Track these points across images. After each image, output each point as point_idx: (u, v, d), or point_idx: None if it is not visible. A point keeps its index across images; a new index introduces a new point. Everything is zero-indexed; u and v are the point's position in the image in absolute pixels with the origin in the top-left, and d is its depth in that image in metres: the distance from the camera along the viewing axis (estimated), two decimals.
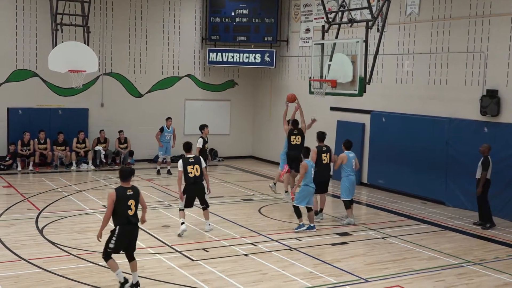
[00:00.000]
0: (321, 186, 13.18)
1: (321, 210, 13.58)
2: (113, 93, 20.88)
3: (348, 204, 13.12)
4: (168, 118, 19.36)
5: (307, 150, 12.61)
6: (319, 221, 13.23)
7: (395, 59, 17.18)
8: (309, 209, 12.43)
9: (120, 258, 8.87)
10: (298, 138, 14.53)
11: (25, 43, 19.41)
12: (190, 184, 11.75)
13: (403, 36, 16.94)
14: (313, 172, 12.35)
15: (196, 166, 11.75)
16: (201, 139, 14.97)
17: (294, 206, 12.48)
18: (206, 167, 12.18)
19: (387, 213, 14.56)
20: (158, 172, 19.06)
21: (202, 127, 15.39)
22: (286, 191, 14.57)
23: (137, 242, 10.99)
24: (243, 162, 22.40)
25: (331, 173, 14.23)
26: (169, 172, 19.06)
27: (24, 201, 14.37)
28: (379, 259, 10.66)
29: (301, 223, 12.39)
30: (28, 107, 19.47)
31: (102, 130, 20.05)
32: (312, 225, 12.43)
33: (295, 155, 14.20)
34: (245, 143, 23.27)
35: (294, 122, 14.73)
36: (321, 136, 13.60)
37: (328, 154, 13.37)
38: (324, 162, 13.24)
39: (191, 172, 11.71)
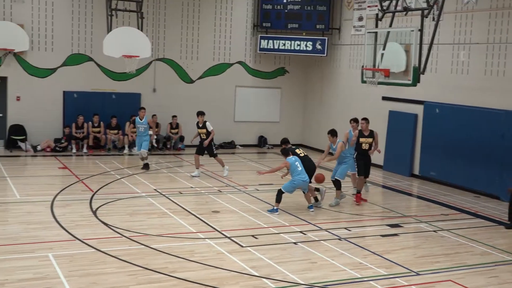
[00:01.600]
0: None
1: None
2: (165, 79, 21.09)
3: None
4: (142, 108, 17.09)
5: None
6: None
7: (451, 49, 16.78)
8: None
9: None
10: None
11: (80, 28, 19.76)
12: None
13: (460, 25, 16.52)
14: (298, 166, 12.68)
15: None
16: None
17: (279, 190, 12.78)
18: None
19: (439, 206, 14.29)
20: (146, 166, 16.74)
21: (197, 114, 16.41)
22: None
23: (187, 226, 11.22)
24: None
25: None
26: (145, 166, 16.78)
27: (78, 182, 14.70)
28: (431, 252, 10.49)
29: (276, 207, 12.65)
30: (83, 91, 19.87)
31: (155, 115, 20.29)
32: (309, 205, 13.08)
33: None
34: (295, 131, 23.17)
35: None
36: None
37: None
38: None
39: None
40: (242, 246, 10.20)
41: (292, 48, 21.73)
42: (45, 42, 19.35)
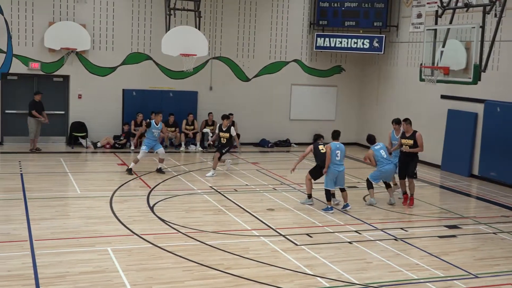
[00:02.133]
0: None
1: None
2: (222, 77, 21.25)
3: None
4: (158, 112, 16.08)
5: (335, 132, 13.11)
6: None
7: None
8: (342, 190, 12.83)
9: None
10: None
11: (140, 27, 20.13)
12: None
13: None
14: (338, 155, 12.58)
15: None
16: (219, 125, 16.14)
17: (325, 189, 12.70)
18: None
19: (499, 207, 13.89)
20: (129, 171, 15.53)
21: (223, 117, 16.01)
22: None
23: (242, 223, 11.28)
24: (348, 149, 21.78)
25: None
26: (160, 170, 15.92)
27: (136, 179, 14.99)
28: (490, 254, 10.22)
29: (329, 206, 12.58)
30: (142, 89, 20.24)
31: (211, 112, 20.48)
32: (346, 203, 12.83)
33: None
34: (350, 129, 22.95)
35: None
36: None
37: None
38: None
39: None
40: (296, 245, 10.19)
41: (349, 46, 21.54)
42: (106, 42, 19.81)
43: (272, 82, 21.89)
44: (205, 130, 20.41)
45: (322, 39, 21.72)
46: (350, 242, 10.48)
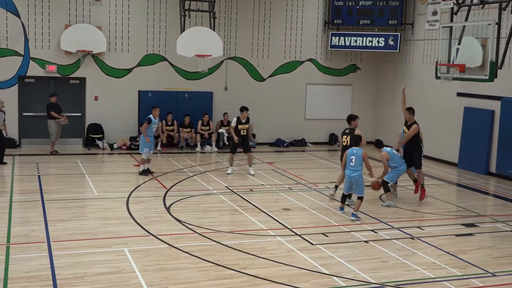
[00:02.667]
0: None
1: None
2: (237, 77, 21.29)
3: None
4: (155, 107, 15.99)
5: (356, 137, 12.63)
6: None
7: None
8: (358, 197, 11.99)
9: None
10: None
11: (155, 29, 20.23)
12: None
13: None
14: (353, 161, 12.05)
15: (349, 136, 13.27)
16: (235, 118, 16.04)
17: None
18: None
19: None
20: (146, 172, 15.55)
21: (241, 110, 15.99)
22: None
23: (258, 223, 11.30)
24: (364, 148, 22.06)
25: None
26: (147, 171, 15.62)
27: (152, 179, 15.07)
28: (508, 253, 10.13)
29: (342, 207, 12.47)
30: (157, 90, 20.33)
31: (226, 113, 20.52)
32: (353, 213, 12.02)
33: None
34: (366, 128, 22.76)
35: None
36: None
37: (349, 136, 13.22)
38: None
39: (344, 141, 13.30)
40: (312, 244, 10.18)
41: (364, 44, 21.48)
42: (122, 43, 19.93)
43: (287, 82, 21.88)
44: (220, 130, 20.46)
45: (337, 38, 21.67)
46: (366, 241, 10.45)
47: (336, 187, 13.64)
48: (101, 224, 11.01)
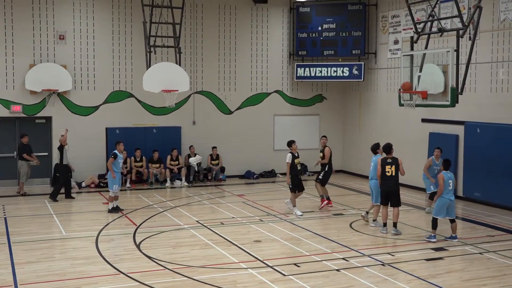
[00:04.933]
0: (385, 198, 13.30)
1: (385, 224, 13.39)
2: (204, 111, 21.38)
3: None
4: (119, 142, 15.78)
5: (446, 162, 12.78)
6: (386, 233, 13.22)
7: (489, 68, 16.58)
8: (451, 221, 12.56)
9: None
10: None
11: (121, 66, 20.27)
12: (386, 181, 13.14)
13: (497, 43, 16.33)
14: (450, 184, 12.46)
15: (393, 166, 13.17)
16: (290, 154, 15.33)
17: (433, 217, 12.63)
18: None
19: (484, 227, 14.00)
20: (116, 209, 15.39)
21: (290, 143, 15.42)
22: (374, 220, 14.10)
23: (230, 256, 11.26)
24: (333, 176, 22.03)
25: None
26: (117, 208, 15.48)
27: (122, 217, 14.94)
28: (477, 275, 10.27)
29: (433, 234, 12.53)
30: (125, 126, 20.29)
31: (192, 146, 20.61)
32: (453, 235, 12.56)
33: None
34: (335, 157, 22.83)
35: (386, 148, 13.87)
36: (386, 148, 13.54)
37: (393, 166, 13.18)
38: (387, 174, 13.18)
39: (388, 171, 13.08)
40: (284, 275, 10.18)
41: (329, 74, 21.81)
42: (87, 81, 19.91)
43: (255, 114, 22.05)
44: (191, 160, 20.34)
45: (302, 69, 21.99)
46: (337, 270, 10.49)
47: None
48: (69, 264, 10.85)
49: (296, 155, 15.50)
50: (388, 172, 13.17)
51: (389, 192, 13.22)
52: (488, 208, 16.10)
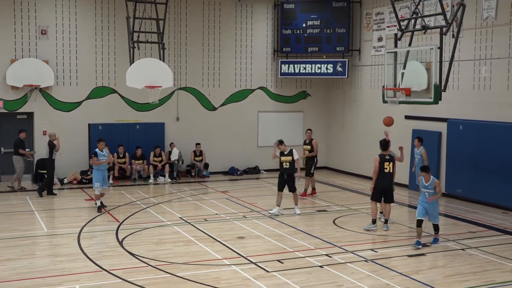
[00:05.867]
0: (380, 195, 13.28)
1: (386, 221, 13.37)
2: (188, 107, 21.30)
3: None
4: (100, 140, 15.60)
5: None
6: (386, 229, 13.20)
7: (472, 65, 16.69)
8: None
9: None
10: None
11: (104, 61, 20.12)
12: (384, 178, 13.16)
13: (480, 41, 16.44)
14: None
15: (391, 163, 13.21)
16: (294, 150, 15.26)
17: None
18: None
19: (466, 223, 14.11)
20: (100, 209, 15.04)
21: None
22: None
23: (213, 253, 11.24)
24: (317, 173, 22.14)
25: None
26: (101, 206, 15.16)
27: (105, 213, 14.84)
28: (459, 271, 10.34)
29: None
30: (108, 122, 20.15)
31: (172, 143, 20.55)
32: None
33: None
34: (319, 154, 23.07)
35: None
36: (384, 144, 13.39)
37: (391, 163, 13.22)
38: (385, 170, 13.17)
39: (386, 168, 13.08)
40: (267, 271, 10.18)
41: (313, 71, 21.84)
42: (70, 77, 19.73)
43: (239, 110, 22.02)
44: (173, 156, 20.26)
45: (286, 65, 21.99)
46: (321, 266, 10.51)
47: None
48: (51, 261, 10.76)
49: (307, 141, 17.13)
50: (386, 168, 13.18)
51: (386, 189, 13.24)
52: (470, 205, 16.23)
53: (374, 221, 13.34)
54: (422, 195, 12.08)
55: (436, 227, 12.21)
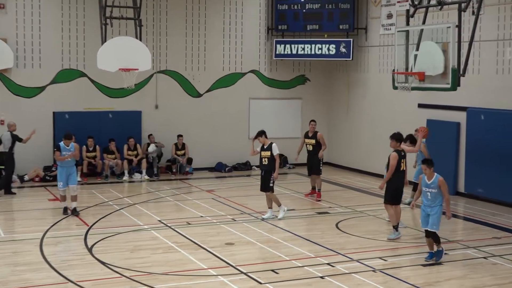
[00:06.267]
0: (398, 196, 13.06)
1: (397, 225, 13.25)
2: (169, 94, 21.20)
3: None
4: (67, 136, 15.03)
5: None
6: (399, 237, 13.03)
7: (495, 46, 16.64)
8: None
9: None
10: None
11: (72, 40, 19.98)
12: (400, 177, 13.05)
13: (504, 18, 16.39)
14: None
15: (405, 160, 13.12)
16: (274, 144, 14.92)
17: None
18: None
19: (489, 228, 14.09)
20: (65, 211, 14.85)
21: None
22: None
23: (197, 262, 11.16)
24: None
25: None
26: (65, 210, 14.93)
27: (72, 216, 14.72)
28: (481, 282, 10.31)
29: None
30: (76, 110, 20.01)
31: (151, 134, 20.45)
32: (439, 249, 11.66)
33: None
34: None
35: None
36: (400, 138, 13.25)
37: (405, 160, 13.13)
38: (401, 169, 13.04)
39: (401, 166, 13.00)
40: (260, 283, 10.12)
41: (313, 52, 21.74)
42: (32, 58, 19.60)
43: (227, 97, 21.93)
44: (150, 148, 20.15)
45: (282, 46, 21.89)
46: (321, 277, 10.46)
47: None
48: (10, 271, 10.65)
49: (310, 135, 16.95)
50: (401, 166, 13.03)
51: (401, 190, 13.12)
52: (493, 206, 16.23)
53: (397, 228, 13.14)
54: (424, 196, 11.48)
55: (435, 235, 11.37)
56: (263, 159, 14.79)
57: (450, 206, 11.84)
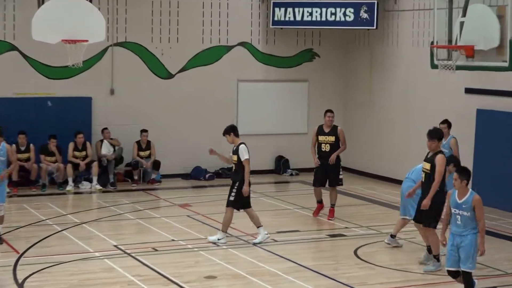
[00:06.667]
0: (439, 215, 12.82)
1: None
2: (129, 73, 21.24)
3: None
4: None
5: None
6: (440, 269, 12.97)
7: None
8: None
9: None
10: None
11: None
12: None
13: None
14: None
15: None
16: (243, 145, 14.71)
17: None
18: None
19: None
20: None
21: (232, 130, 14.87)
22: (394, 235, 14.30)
23: None
24: None
25: None
26: None
27: None
28: None
29: None
30: (3, 96, 20.02)
31: (106, 128, 20.52)
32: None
33: None
34: None
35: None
36: (441, 136, 13.24)
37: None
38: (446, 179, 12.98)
39: None
40: None
41: (323, 19, 21.75)
42: None
43: (208, 79, 21.96)
44: (103, 151, 20.14)
45: (282, 10, 21.90)
46: None
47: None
48: None
49: (326, 131, 16.92)
50: (446, 175, 12.92)
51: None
52: None
53: (438, 258, 13.00)
54: (453, 221, 10.82)
55: (467, 279, 10.75)
56: (233, 165, 14.83)
57: None
